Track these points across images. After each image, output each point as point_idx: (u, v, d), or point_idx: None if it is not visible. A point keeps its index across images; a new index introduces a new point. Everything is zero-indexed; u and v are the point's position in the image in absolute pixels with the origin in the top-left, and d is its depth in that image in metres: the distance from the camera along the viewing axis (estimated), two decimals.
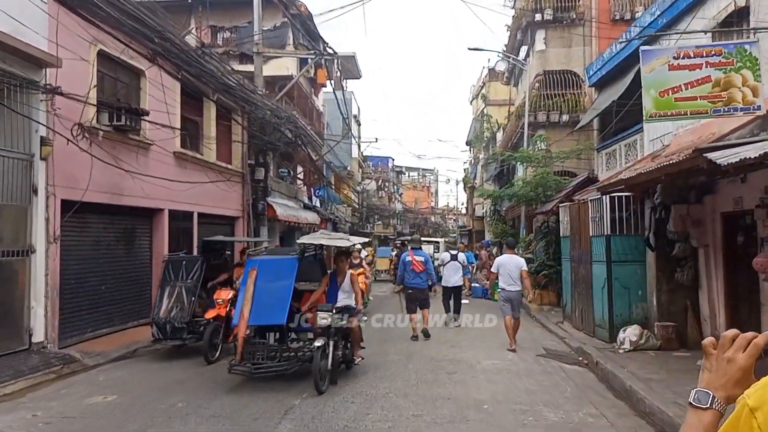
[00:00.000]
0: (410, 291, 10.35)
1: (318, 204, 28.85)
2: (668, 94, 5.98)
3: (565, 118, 18.81)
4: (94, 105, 9.00)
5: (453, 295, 12.20)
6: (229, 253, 9.87)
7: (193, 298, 8.66)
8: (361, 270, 13.55)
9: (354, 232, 42.17)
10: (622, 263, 9.30)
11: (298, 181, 25.24)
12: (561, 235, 11.99)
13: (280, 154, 24.01)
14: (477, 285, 17.57)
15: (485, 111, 35.04)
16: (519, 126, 20.24)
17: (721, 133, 7.95)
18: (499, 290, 9.75)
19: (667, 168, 6.14)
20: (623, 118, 14.53)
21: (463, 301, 13.96)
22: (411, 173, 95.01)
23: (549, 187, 14.08)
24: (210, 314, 8.41)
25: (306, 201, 25.14)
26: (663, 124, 12.55)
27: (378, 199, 56.76)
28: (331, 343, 6.67)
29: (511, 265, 9.34)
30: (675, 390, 6.25)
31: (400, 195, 74.14)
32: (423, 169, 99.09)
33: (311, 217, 22.80)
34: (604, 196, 9.40)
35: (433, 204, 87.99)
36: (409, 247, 11.17)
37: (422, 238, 38.82)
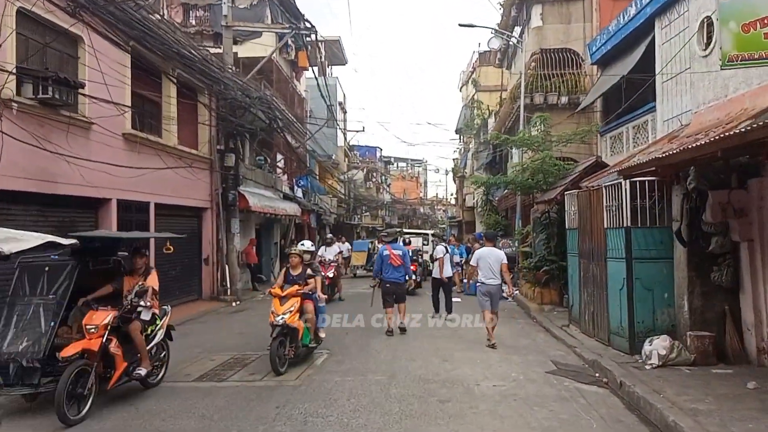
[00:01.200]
0: (387, 285, 10.13)
1: (300, 194, 27.24)
2: (757, 28, 4.46)
3: (564, 100, 17.34)
4: (5, 72, 7.36)
5: (443, 288, 12.15)
6: (126, 254, 6.87)
7: (53, 323, 5.75)
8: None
9: (340, 224, 40.57)
10: (645, 260, 7.85)
11: (278, 170, 23.61)
12: (567, 227, 10.54)
13: (258, 141, 22.41)
14: (471, 281, 16.09)
15: (476, 97, 33.52)
16: (514, 109, 18.75)
17: (756, 109, 6.53)
18: (478, 284, 9.40)
19: (729, 140, 4.66)
20: (629, 98, 13.09)
21: (454, 299, 12.65)
22: (399, 164, 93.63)
23: (550, 173, 12.61)
24: (71, 349, 5.53)
25: (286, 191, 23.53)
26: (679, 101, 11.16)
27: (366, 190, 55.17)
28: None
29: (491, 258, 9.12)
30: (733, 429, 4.83)
31: (388, 185, 72.56)
32: (412, 160, 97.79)
33: (291, 208, 21.22)
34: (624, 181, 7.93)
35: (422, 195, 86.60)
36: (386, 241, 10.75)
37: (410, 230, 37.42)
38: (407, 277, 10.37)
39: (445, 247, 13.02)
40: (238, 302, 14.90)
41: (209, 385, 6.72)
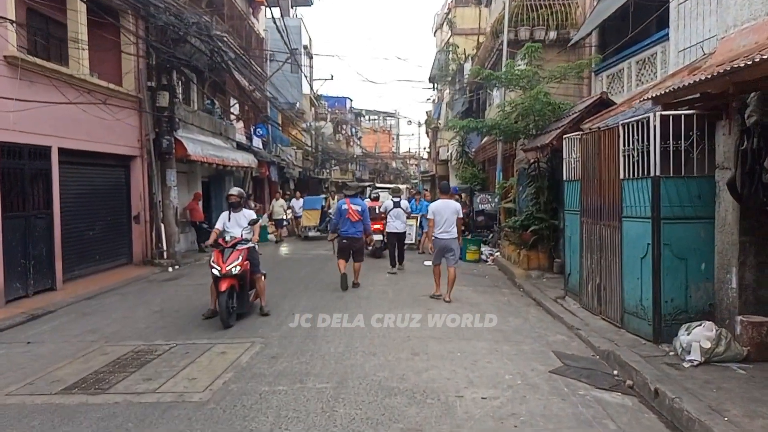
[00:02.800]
0: (344, 241, 9.84)
1: (259, 145, 24.80)
2: None
3: (552, 35, 15.16)
4: None
5: (398, 241, 12.25)
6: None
7: None
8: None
9: (306, 178, 38.20)
10: (677, 221, 5.97)
11: (232, 117, 21.10)
12: (565, 178, 8.62)
13: (210, 84, 19.83)
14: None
15: (451, 41, 31.01)
16: (496, 46, 16.54)
17: None
18: (434, 238, 8.88)
19: None
20: (633, 28, 11.06)
21: (426, 263, 10.96)
22: (371, 117, 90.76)
23: (542, 115, 10.59)
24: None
25: (241, 140, 21.10)
26: (700, 25, 9.15)
27: (335, 143, 52.61)
28: None
29: (447, 212, 8.73)
30: None
31: (359, 139, 69.92)
32: (384, 113, 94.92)
33: (245, 159, 18.87)
34: (654, 115, 5.97)
35: (394, 149, 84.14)
36: (346, 195, 10.45)
37: (381, 185, 35.47)
38: (365, 234, 10.01)
39: (393, 201, 12.78)
40: (176, 267, 12.79)
41: (78, 400, 4.68)
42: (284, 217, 20.53)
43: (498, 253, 13.42)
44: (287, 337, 6.59)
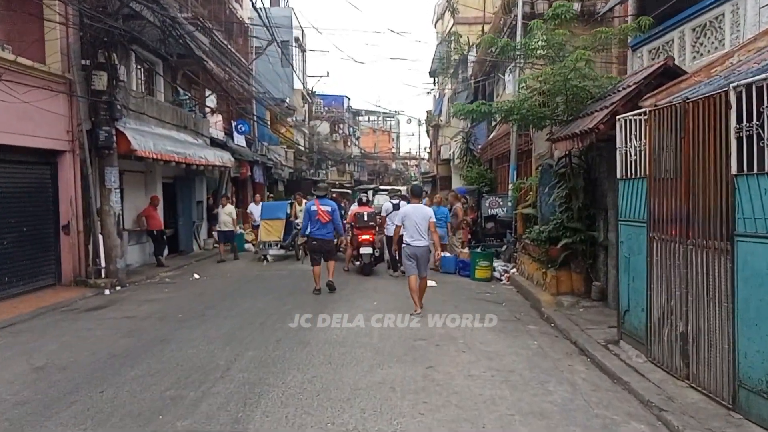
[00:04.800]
0: (314, 242, 9.71)
1: (242, 142, 22.33)
2: None
3: (576, 6, 12.74)
4: None
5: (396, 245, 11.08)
6: None
7: None
8: None
9: (298, 179, 35.66)
10: None
11: (207, 110, 18.62)
12: (619, 175, 6.12)
13: (183, 75, 17.40)
14: (447, 254, 11.72)
15: (453, 30, 28.53)
16: (509, 22, 14.11)
17: None
18: (404, 245, 8.19)
19: None
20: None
21: (429, 283, 8.59)
22: (371, 117, 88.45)
23: (577, 94, 8.08)
24: None
25: (218, 136, 18.62)
26: None
27: (332, 143, 50.17)
28: None
29: (417, 216, 8.06)
30: None
31: (357, 139, 67.47)
32: (384, 113, 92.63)
33: (219, 157, 16.38)
34: None
35: (394, 150, 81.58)
36: (316, 195, 10.15)
37: (381, 187, 32.99)
38: (335, 235, 9.90)
39: (392, 204, 11.74)
40: (117, 288, 10.33)
41: None
42: (233, 229, 15.24)
43: (514, 270, 10.95)
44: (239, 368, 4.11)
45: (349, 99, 61.19)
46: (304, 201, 14.42)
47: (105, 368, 5.53)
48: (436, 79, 35.64)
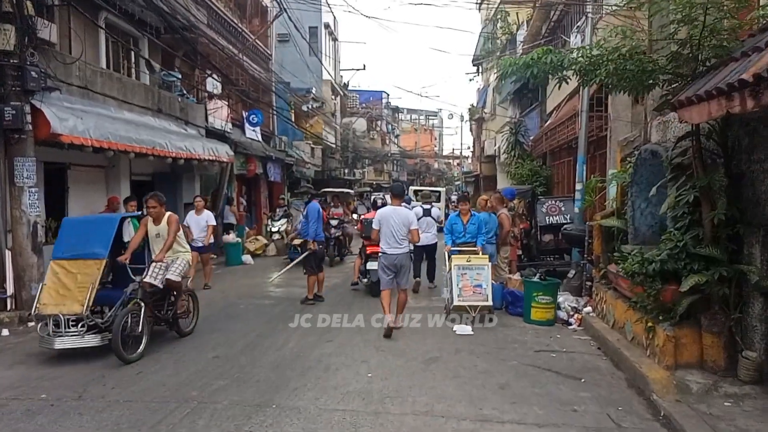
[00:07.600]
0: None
1: (256, 135, 19.41)
2: None
3: None
4: None
5: (426, 255, 10.04)
6: None
7: None
8: None
9: (327, 178, 32.57)
10: None
11: (205, 95, 15.70)
12: None
13: (185, 54, 14.59)
14: (492, 282, 8.24)
15: (501, 8, 24.97)
16: None
17: None
18: (380, 254, 7.10)
19: None
20: None
21: (465, 330, 5.18)
22: (412, 116, 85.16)
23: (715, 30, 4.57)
24: None
25: (221, 126, 15.69)
26: None
27: (369, 141, 47.07)
28: None
29: (394, 220, 6.96)
30: None
31: (396, 137, 64.15)
32: (426, 111, 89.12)
33: (210, 150, 13.39)
34: None
35: (436, 149, 77.76)
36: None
37: (418, 188, 29.55)
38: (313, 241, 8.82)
39: (423, 209, 10.25)
40: (26, 324, 7.40)
41: None
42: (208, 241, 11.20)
43: (588, 309, 7.47)
44: None
45: (387, 95, 58.01)
46: (203, 207, 11.30)
47: None
48: (480, 66, 32.03)
